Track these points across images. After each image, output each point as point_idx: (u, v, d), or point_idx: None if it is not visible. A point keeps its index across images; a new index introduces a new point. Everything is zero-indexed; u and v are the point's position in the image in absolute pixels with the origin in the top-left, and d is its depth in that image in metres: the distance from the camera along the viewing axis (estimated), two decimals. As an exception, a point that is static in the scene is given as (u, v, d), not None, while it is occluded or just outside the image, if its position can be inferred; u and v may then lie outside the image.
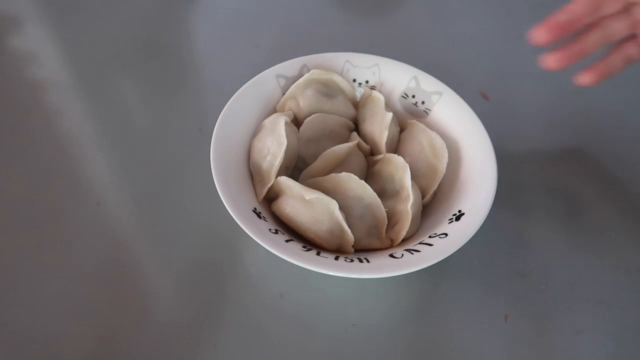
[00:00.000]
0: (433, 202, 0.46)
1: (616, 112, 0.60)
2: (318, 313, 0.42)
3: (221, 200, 0.39)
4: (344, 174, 0.42)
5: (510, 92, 0.62)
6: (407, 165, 0.43)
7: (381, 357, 0.40)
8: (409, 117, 0.51)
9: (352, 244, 0.40)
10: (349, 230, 0.40)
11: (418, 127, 0.48)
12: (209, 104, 0.59)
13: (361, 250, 0.42)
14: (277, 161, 0.43)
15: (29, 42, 0.67)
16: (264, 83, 0.50)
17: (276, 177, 0.43)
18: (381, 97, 0.49)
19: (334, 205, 0.40)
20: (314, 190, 0.41)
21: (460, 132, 0.47)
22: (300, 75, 0.51)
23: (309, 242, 0.41)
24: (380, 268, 0.37)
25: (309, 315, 0.42)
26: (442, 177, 0.45)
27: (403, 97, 0.52)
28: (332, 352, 0.40)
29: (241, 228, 0.38)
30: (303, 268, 0.36)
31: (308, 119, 0.48)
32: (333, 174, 0.43)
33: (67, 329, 0.40)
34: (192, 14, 0.73)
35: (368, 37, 0.70)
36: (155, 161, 0.53)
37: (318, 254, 0.38)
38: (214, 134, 0.44)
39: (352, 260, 0.38)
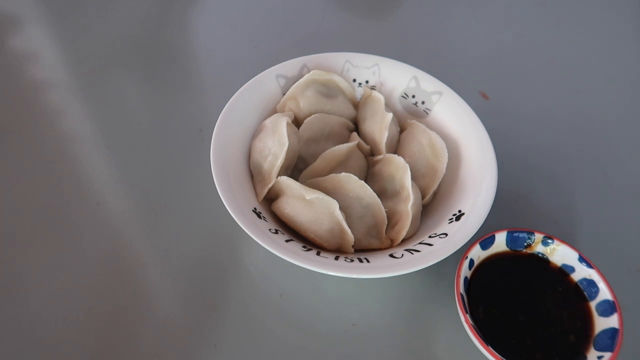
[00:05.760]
0: (433, 202, 0.46)
1: (615, 111, 0.60)
2: (318, 313, 0.42)
3: (221, 200, 0.39)
4: (343, 174, 0.42)
5: (510, 92, 0.62)
6: (407, 165, 0.43)
7: (381, 357, 0.40)
8: (409, 117, 0.51)
9: (352, 244, 0.40)
10: (349, 230, 0.40)
11: (418, 127, 0.48)
12: (209, 104, 0.59)
13: (361, 250, 0.42)
14: (279, 161, 0.43)
15: (29, 42, 0.67)
16: (264, 83, 0.50)
17: (277, 177, 0.43)
18: (381, 97, 0.49)
19: (334, 205, 0.40)
20: (315, 190, 0.41)
21: (460, 132, 0.47)
22: (300, 76, 0.51)
23: (309, 242, 0.41)
24: (380, 268, 0.37)
25: (309, 315, 0.42)
26: (442, 177, 0.45)
27: (403, 97, 0.52)
28: (332, 352, 0.40)
29: (241, 228, 0.38)
30: (303, 268, 0.36)
31: (308, 119, 0.48)
32: (333, 174, 0.43)
33: (67, 328, 0.40)
34: (192, 14, 0.73)
35: (368, 37, 0.70)
36: (156, 161, 0.53)
37: (318, 254, 0.38)
38: (214, 134, 0.44)
39: (352, 260, 0.38)
